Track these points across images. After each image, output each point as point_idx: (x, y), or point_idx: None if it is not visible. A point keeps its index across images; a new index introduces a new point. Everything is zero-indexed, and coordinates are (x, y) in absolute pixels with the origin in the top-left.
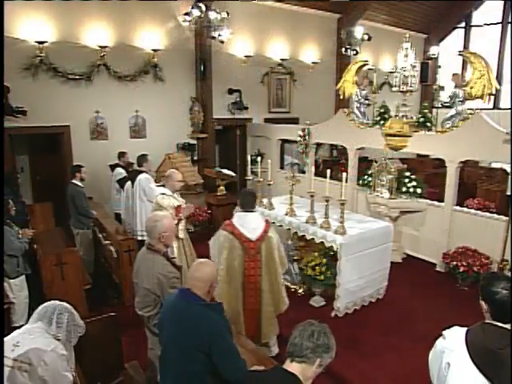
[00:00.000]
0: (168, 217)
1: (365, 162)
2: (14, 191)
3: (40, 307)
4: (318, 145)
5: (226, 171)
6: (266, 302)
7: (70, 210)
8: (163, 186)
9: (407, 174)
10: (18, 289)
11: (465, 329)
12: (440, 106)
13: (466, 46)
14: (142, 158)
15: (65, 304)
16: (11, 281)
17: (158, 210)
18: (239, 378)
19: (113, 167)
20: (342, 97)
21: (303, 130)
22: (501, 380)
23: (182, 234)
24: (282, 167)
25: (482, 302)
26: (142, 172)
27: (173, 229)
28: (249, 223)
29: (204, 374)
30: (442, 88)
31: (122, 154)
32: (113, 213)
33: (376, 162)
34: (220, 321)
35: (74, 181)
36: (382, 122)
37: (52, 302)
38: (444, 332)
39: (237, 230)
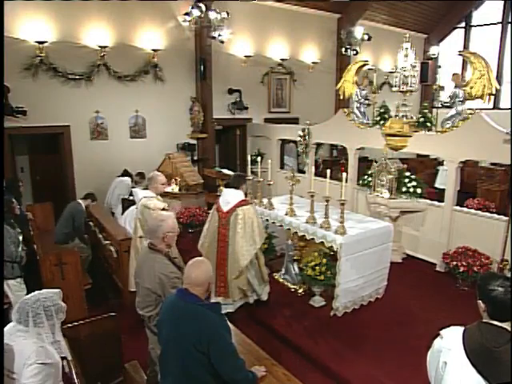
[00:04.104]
0: (172, 217)
1: (365, 162)
2: (17, 200)
3: (15, 308)
4: (318, 145)
5: (226, 171)
6: (230, 266)
7: (59, 227)
8: (146, 188)
9: (407, 173)
10: (16, 289)
11: (462, 328)
12: (440, 106)
13: (466, 46)
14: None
15: (37, 296)
16: (10, 281)
17: (145, 211)
18: (238, 378)
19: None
20: (341, 97)
21: (303, 130)
22: (497, 378)
23: None
24: (282, 167)
25: (480, 302)
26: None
27: (176, 229)
28: (226, 197)
29: (203, 374)
30: (442, 88)
31: (140, 175)
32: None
33: (376, 161)
34: (218, 320)
35: (80, 201)
36: (382, 122)
37: (24, 300)
38: (441, 331)
39: (217, 201)
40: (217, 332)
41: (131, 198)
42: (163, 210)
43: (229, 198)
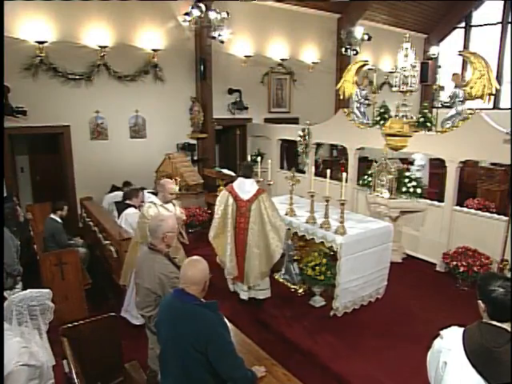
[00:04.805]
0: (173, 217)
1: (365, 162)
2: (17, 228)
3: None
4: (318, 145)
5: (226, 171)
6: (251, 253)
7: (46, 245)
8: (156, 193)
9: (407, 174)
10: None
11: (462, 328)
12: (440, 106)
13: (466, 46)
14: (133, 192)
15: (23, 295)
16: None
17: (141, 218)
18: (237, 376)
19: (113, 189)
20: (341, 97)
21: (303, 130)
22: (497, 379)
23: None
24: (282, 167)
25: (480, 302)
26: (130, 206)
27: (176, 229)
28: (244, 187)
29: (203, 373)
30: (442, 88)
31: (127, 184)
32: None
33: (376, 161)
34: (215, 319)
35: (53, 216)
36: (382, 122)
37: (11, 298)
38: (441, 332)
39: (234, 190)
40: (215, 331)
41: (127, 201)
42: None
43: (246, 187)
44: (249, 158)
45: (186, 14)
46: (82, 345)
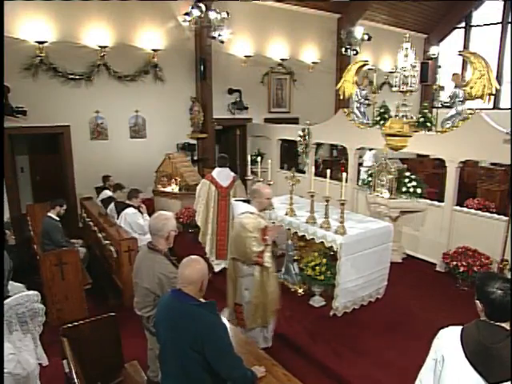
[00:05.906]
0: (173, 216)
1: None
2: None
3: None
4: (318, 145)
5: None
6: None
7: (43, 242)
8: (248, 201)
9: (407, 173)
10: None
11: (460, 327)
12: (440, 106)
13: (466, 46)
14: (133, 193)
15: (10, 303)
16: None
17: (241, 232)
18: (236, 375)
19: (99, 190)
20: (341, 97)
21: (303, 130)
22: (494, 376)
23: (268, 263)
24: (282, 167)
25: (477, 302)
26: (129, 206)
27: (176, 228)
28: (222, 175)
29: (201, 372)
30: (442, 88)
31: (106, 178)
32: None
33: (376, 162)
34: (213, 319)
35: (50, 214)
36: (382, 122)
37: None
38: (440, 331)
39: (214, 179)
40: (213, 332)
41: (122, 199)
42: (265, 228)
43: (224, 175)
44: (249, 158)
45: (186, 13)
46: (82, 345)
